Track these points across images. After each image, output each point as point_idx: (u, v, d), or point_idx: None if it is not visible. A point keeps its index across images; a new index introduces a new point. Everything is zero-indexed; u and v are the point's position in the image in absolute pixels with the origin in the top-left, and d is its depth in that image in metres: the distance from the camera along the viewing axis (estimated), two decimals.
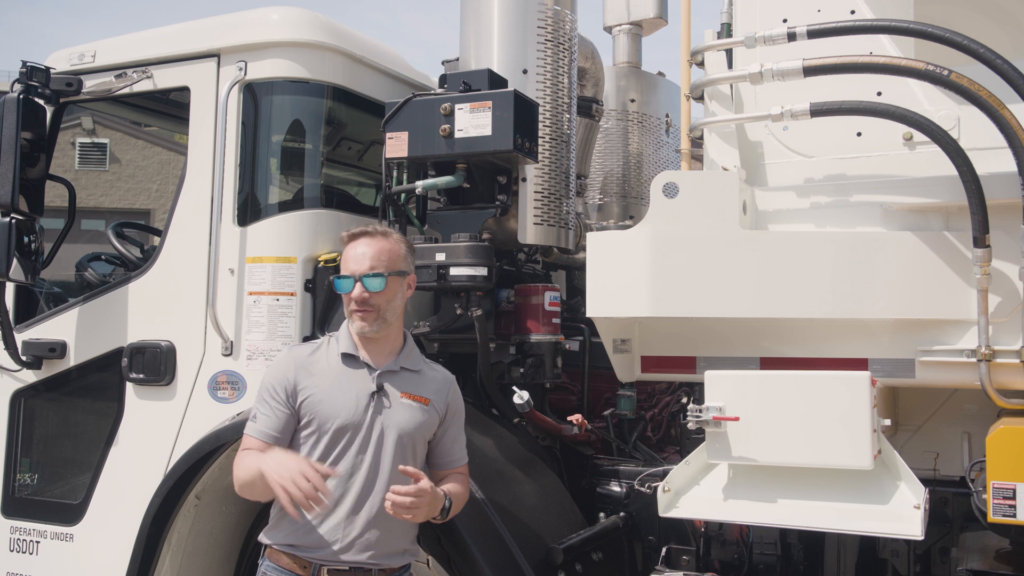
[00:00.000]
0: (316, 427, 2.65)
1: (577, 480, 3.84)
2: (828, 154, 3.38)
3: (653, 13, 5.08)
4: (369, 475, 2.64)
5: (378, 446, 2.65)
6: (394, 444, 2.66)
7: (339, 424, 2.64)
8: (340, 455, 2.64)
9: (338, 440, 2.64)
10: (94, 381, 3.92)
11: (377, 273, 2.68)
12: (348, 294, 2.69)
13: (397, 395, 2.71)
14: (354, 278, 2.68)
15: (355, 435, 2.65)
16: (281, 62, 3.65)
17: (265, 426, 2.67)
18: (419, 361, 2.86)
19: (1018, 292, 2.95)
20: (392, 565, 2.70)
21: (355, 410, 2.65)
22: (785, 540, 3.47)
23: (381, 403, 2.69)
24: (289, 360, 2.74)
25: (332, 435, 2.64)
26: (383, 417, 2.67)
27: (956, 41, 2.87)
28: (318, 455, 2.64)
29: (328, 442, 2.64)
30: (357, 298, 2.67)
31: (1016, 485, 2.63)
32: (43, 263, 3.90)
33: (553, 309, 3.70)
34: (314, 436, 2.66)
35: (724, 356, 3.37)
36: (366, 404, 2.67)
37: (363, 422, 2.65)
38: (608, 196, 5.14)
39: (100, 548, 3.75)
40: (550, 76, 3.81)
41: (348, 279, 2.69)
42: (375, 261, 2.70)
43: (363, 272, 2.68)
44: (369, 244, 2.72)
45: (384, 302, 2.70)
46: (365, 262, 2.69)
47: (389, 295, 2.71)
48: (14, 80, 3.74)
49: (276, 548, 2.67)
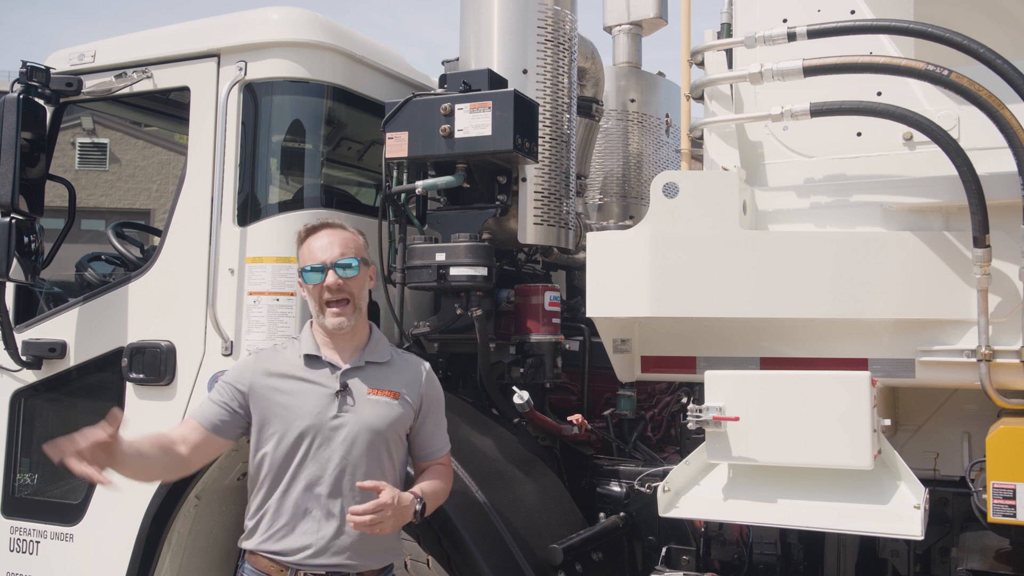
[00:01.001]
0: (280, 428, 2.61)
1: (577, 480, 3.84)
2: (828, 154, 3.38)
3: (653, 13, 5.08)
4: (338, 478, 2.58)
5: (347, 447, 2.59)
6: (365, 444, 2.60)
7: (301, 428, 2.59)
8: (303, 459, 2.59)
9: (300, 444, 2.59)
10: (94, 381, 3.92)
11: (349, 259, 2.64)
12: (320, 285, 2.62)
13: (364, 392, 2.65)
14: (326, 266, 2.62)
15: (318, 437, 2.59)
16: (281, 62, 3.64)
17: (206, 413, 2.66)
18: (386, 351, 2.77)
19: (1018, 292, 2.95)
20: (372, 566, 2.65)
21: (317, 413, 2.60)
22: (785, 540, 3.48)
23: (346, 402, 2.62)
24: (250, 362, 2.73)
25: (295, 439, 2.59)
26: (350, 417, 2.61)
27: (956, 41, 2.87)
28: (282, 456, 2.60)
29: (291, 446, 2.60)
30: (332, 286, 2.61)
31: (1016, 485, 2.63)
32: (43, 263, 3.90)
33: (553, 309, 3.70)
34: (276, 436, 2.61)
35: (724, 356, 3.37)
36: (329, 404, 2.61)
37: (326, 424, 2.59)
38: (608, 196, 5.15)
39: (100, 548, 3.75)
40: (550, 76, 3.81)
41: (318, 270, 2.63)
42: (344, 248, 2.66)
43: (335, 259, 2.63)
44: (332, 234, 2.68)
45: (357, 290, 2.67)
46: (335, 250, 2.65)
47: (361, 282, 2.68)
48: (14, 80, 3.74)
49: (254, 552, 2.64)
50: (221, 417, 2.65)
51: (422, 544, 3.19)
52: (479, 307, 3.40)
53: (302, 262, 2.70)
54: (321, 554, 2.57)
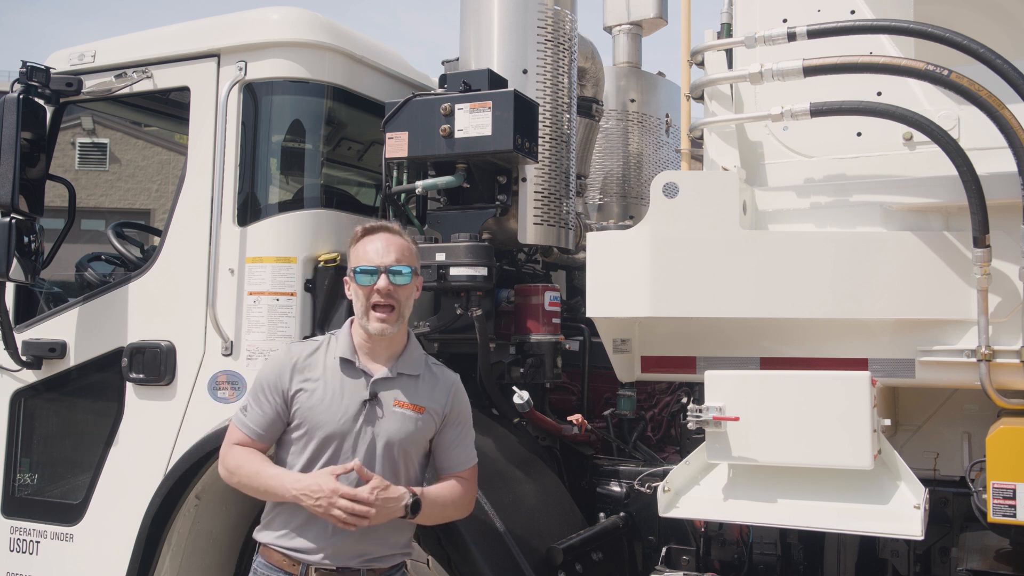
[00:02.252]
0: (306, 431, 2.62)
1: (577, 480, 3.84)
2: (828, 154, 3.38)
3: (653, 13, 5.08)
4: (356, 482, 2.57)
5: (367, 454, 2.61)
6: (382, 453, 2.62)
7: (328, 431, 2.60)
8: (328, 461, 2.60)
9: (326, 447, 2.61)
10: (94, 381, 3.92)
11: (403, 266, 2.63)
12: (370, 287, 2.60)
13: (390, 404, 2.65)
14: (379, 270, 2.60)
15: (343, 443, 2.61)
16: (281, 62, 3.64)
17: (252, 422, 2.67)
18: (420, 364, 2.78)
19: (1018, 292, 2.95)
20: (382, 566, 2.66)
21: (345, 418, 2.61)
22: (785, 540, 3.48)
23: (373, 412, 2.63)
24: (286, 360, 2.70)
25: (320, 441, 2.61)
26: (374, 427, 2.62)
27: (956, 41, 2.87)
28: (306, 458, 2.62)
29: (316, 447, 2.61)
30: (383, 290, 2.59)
31: (1016, 485, 2.63)
32: (43, 263, 3.90)
33: (553, 309, 3.70)
34: (303, 439, 2.63)
35: (724, 356, 3.36)
36: (357, 412, 2.62)
37: (352, 431, 2.61)
38: (608, 196, 5.14)
39: (100, 548, 3.75)
40: (550, 76, 3.81)
41: (370, 272, 2.61)
42: (400, 255, 2.64)
43: (389, 264, 2.61)
44: (390, 239, 2.67)
45: (405, 298, 2.66)
46: (391, 255, 2.63)
47: (410, 291, 2.68)
48: (14, 80, 3.74)
49: (267, 546, 2.66)
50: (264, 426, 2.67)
51: (422, 544, 3.19)
52: (479, 307, 3.40)
53: (355, 261, 2.67)
54: (333, 553, 2.59)
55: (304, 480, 2.53)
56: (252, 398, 2.70)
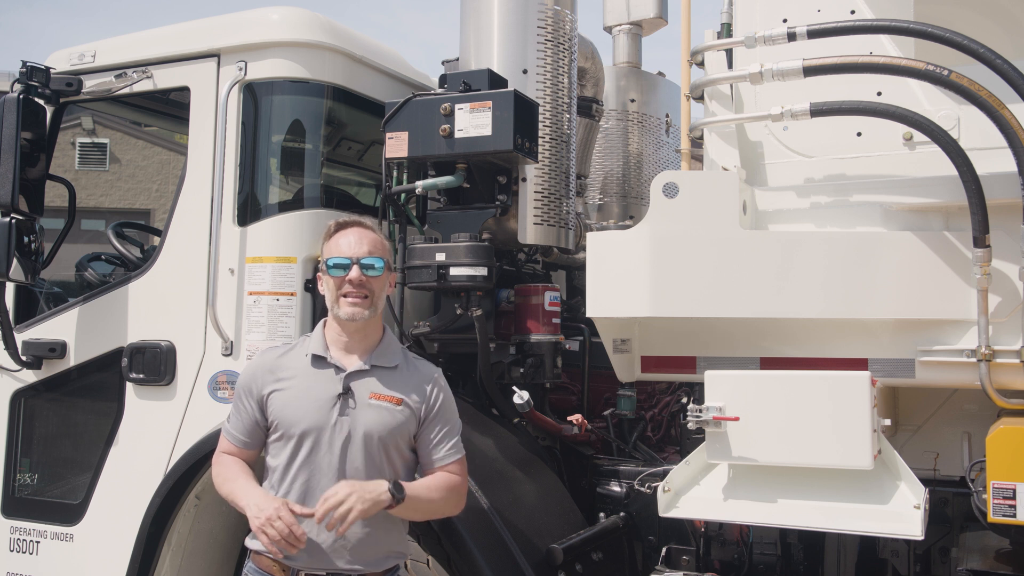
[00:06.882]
0: (283, 431, 2.62)
1: (577, 480, 3.84)
2: (828, 154, 3.38)
3: (653, 13, 5.08)
4: (336, 480, 2.56)
5: (344, 450, 2.59)
6: (362, 447, 2.59)
7: (303, 428, 2.59)
8: (306, 459, 2.60)
9: (303, 443, 2.60)
10: (94, 381, 3.92)
11: (375, 259, 2.66)
12: (341, 278, 2.62)
13: (365, 396, 2.63)
14: (352, 262, 2.63)
15: (320, 438, 2.59)
16: (281, 62, 3.65)
17: (235, 428, 2.72)
18: (396, 356, 2.74)
19: (1018, 292, 2.95)
20: (374, 570, 2.63)
21: (319, 414, 2.60)
22: (785, 540, 3.48)
23: (347, 405, 2.61)
24: (260, 364, 2.72)
25: (297, 439, 2.60)
26: (349, 420, 2.60)
27: (956, 41, 2.87)
28: (285, 458, 2.61)
29: (294, 446, 2.61)
30: (354, 280, 2.61)
31: (1016, 485, 2.63)
32: (43, 263, 3.90)
33: (553, 309, 3.70)
34: (282, 440, 2.63)
35: (724, 356, 3.36)
36: (330, 407, 2.60)
37: (327, 425, 2.59)
38: (608, 196, 5.14)
39: (100, 548, 3.75)
40: (550, 76, 3.81)
41: (342, 265, 2.63)
42: (372, 247, 2.67)
43: (361, 256, 2.64)
44: (362, 233, 2.70)
45: (378, 289, 2.67)
46: (363, 247, 2.66)
47: (382, 284, 2.69)
48: (14, 80, 3.74)
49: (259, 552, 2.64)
50: (246, 432, 2.71)
51: (422, 544, 3.19)
52: (479, 307, 3.40)
53: (327, 255, 2.68)
54: (322, 557, 2.57)
55: (253, 496, 2.55)
56: (233, 406, 2.73)
